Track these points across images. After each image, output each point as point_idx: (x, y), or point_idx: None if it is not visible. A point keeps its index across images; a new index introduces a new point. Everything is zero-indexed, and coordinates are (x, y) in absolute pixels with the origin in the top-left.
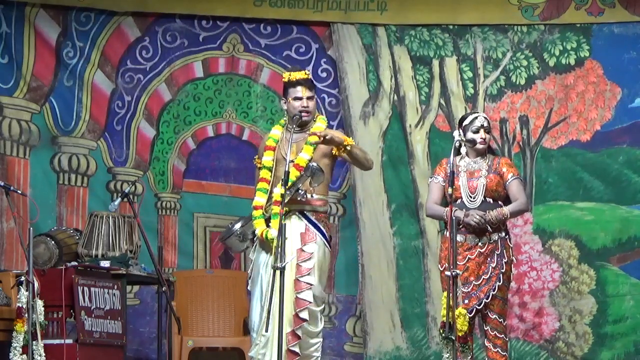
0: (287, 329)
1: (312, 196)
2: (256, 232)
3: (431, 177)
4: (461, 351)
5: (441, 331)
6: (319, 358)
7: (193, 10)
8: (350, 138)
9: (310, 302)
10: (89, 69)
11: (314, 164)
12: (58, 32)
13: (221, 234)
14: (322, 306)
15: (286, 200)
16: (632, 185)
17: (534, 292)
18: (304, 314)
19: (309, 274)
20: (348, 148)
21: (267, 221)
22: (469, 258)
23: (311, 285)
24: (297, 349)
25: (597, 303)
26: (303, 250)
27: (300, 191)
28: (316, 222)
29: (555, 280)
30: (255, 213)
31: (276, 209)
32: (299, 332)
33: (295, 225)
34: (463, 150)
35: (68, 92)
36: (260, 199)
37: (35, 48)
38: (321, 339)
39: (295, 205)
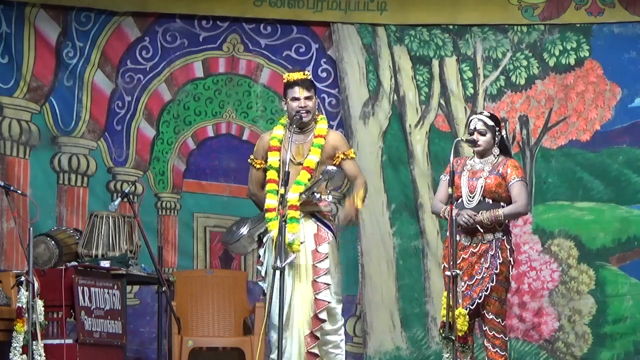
0: (305, 331)
1: (327, 198)
2: (271, 235)
3: (441, 175)
4: (461, 351)
5: (441, 331)
6: (342, 355)
7: (193, 10)
8: (361, 198)
9: (330, 302)
10: (89, 69)
11: (333, 168)
12: (58, 32)
13: (223, 237)
14: (341, 304)
15: (300, 202)
16: (632, 185)
17: (534, 292)
18: (323, 314)
19: (325, 274)
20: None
21: None
22: (462, 258)
23: (329, 285)
24: (316, 350)
25: (597, 303)
26: (318, 251)
27: (315, 194)
28: (326, 221)
29: (554, 280)
30: (269, 215)
31: (293, 213)
32: (318, 334)
33: (308, 227)
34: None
35: (68, 92)
36: (271, 201)
37: (35, 48)
38: (343, 336)
39: (307, 208)
